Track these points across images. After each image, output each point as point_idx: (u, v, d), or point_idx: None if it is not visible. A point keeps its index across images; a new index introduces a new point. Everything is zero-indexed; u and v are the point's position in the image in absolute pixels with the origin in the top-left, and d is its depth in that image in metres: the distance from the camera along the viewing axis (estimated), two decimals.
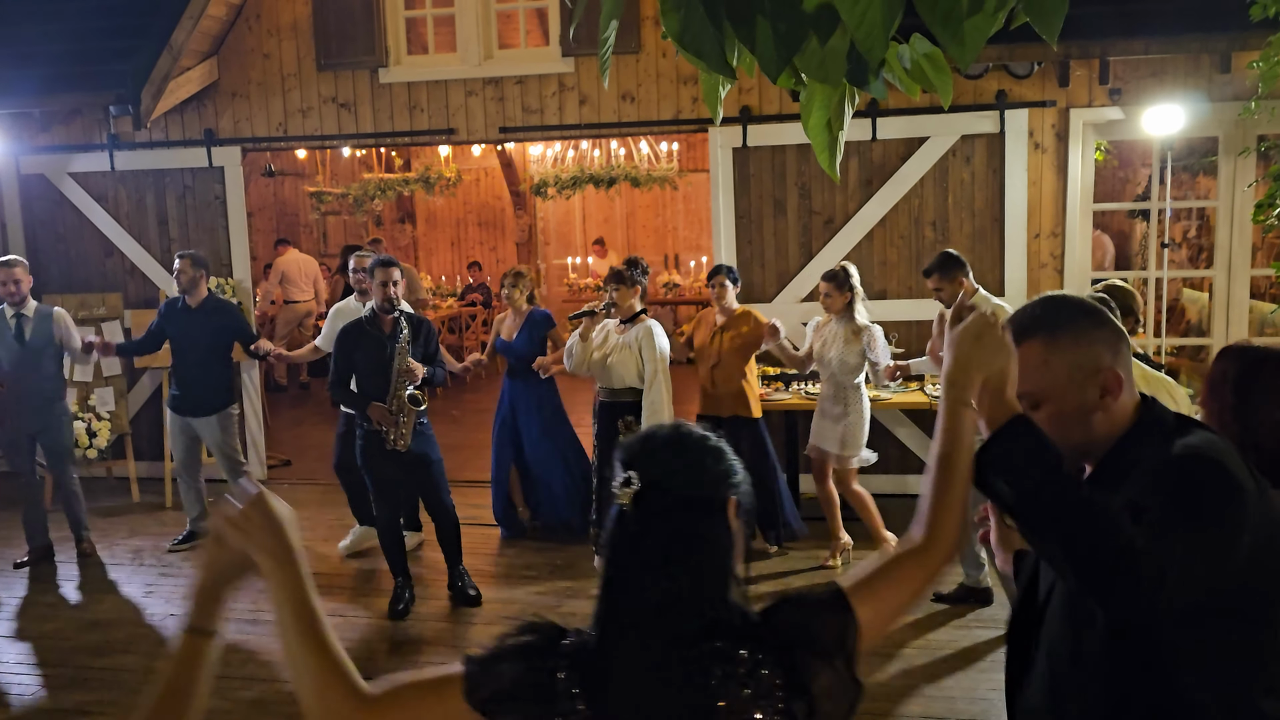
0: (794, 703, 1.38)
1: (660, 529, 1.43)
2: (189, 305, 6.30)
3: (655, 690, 1.39)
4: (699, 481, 1.47)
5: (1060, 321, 1.71)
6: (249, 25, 7.72)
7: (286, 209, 14.51)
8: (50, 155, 8.01)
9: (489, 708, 1.43)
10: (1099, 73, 6.61)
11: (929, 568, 1.52)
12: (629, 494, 1.44)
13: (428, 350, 5.46)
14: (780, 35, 1.81)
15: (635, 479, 1.45)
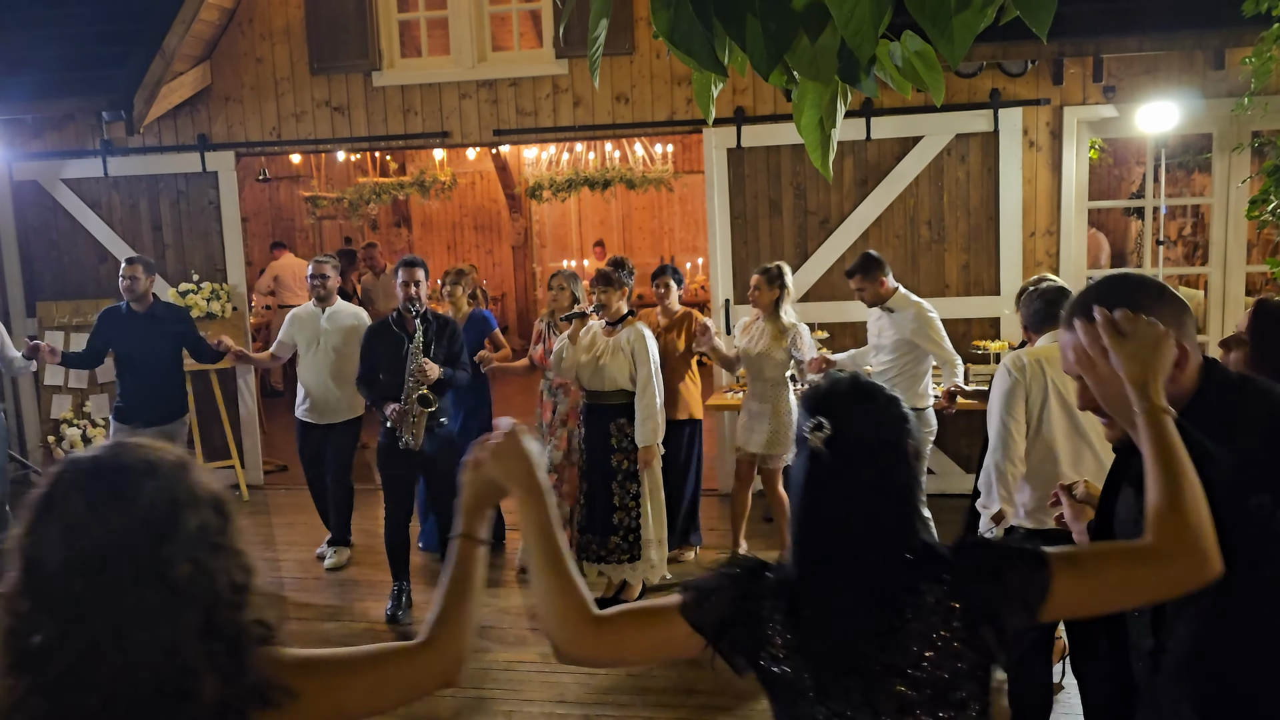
0: (977, 629, 1.52)
1: (854, 470, 1.57)
2: (135, 312, 6.08)
3: (848, 615, 1.54)
4: (883, 426, 1.60)
5: (1123, 299, 1.77)
6: (241, 29, 7.71)
7: (282, 213, 14.49)
8: (43, 161, 7.99)
9: (705, 628, 1.59)
10: (1093, 70, 6.61)
11: (1161, 572, 1.54)
12: (821, 438, 1.57)
13: (450, 351, 5.43)
14: (770, 33, 1.81)
15: (826, 424, 1.58)
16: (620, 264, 5.59)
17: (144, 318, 6.10)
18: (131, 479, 1.36)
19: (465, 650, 1.60)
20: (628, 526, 5.25)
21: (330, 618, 5.48)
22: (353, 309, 6.41)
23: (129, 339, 6.08)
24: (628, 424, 5.22)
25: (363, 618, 5.46)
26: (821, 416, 1.59)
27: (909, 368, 5.44)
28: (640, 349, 5.20)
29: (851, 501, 1.56)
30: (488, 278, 14.25)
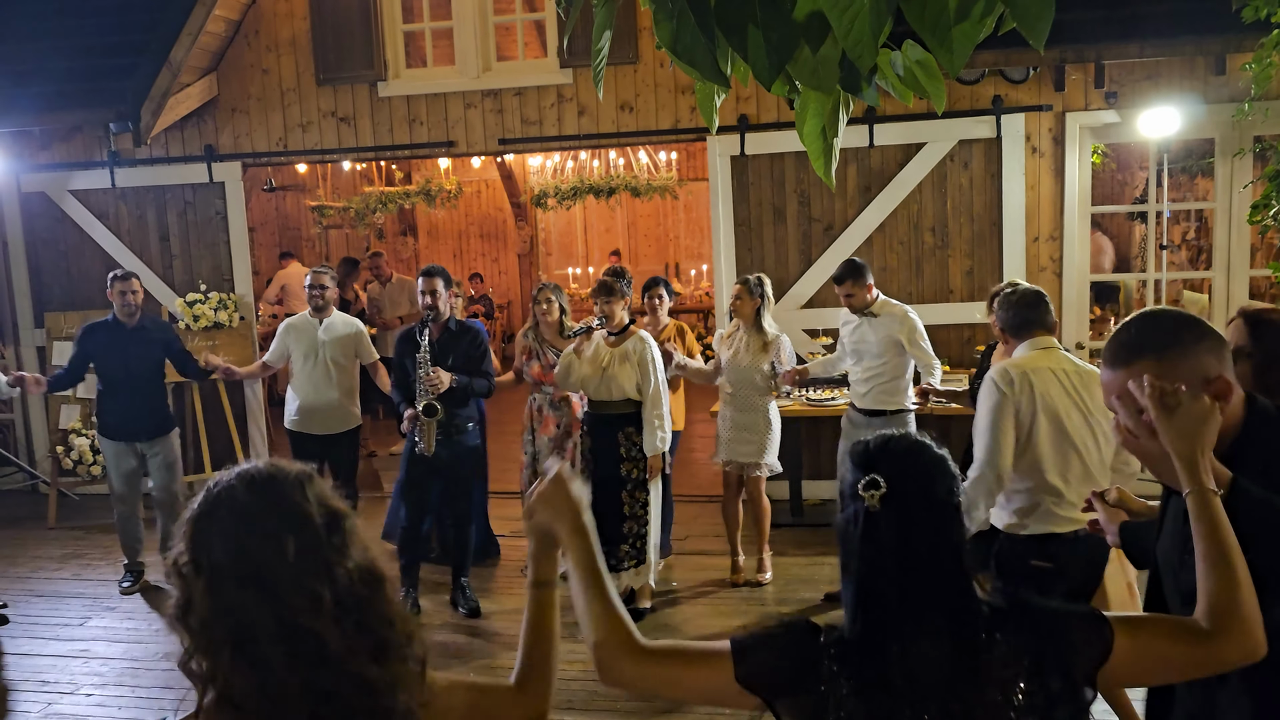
0: (1048, 683, 1.54)
1: (913, 528, 1.56)
2: (122, 325, 5.99)
3: (923, 671, 1.54)
4: (936, 482, 1.60)
5: (1165, 339, 1.79)
6: (248, 41, 7.76)
7: (288, 223, 14.54)
8: (51, 173, 8.05)
9: (760, 689, 1.60)
10: (1094, 76, 6.63)
11: (1211, 652, 1.56)
12: (877, 496, 1.56)
13: (470, 358, 5.45)
14: (772, 44, 1.83)
15: (882, 482, 1.57)
16: (620, 274, 5.62)
17: (132, 331, 6.02)
18: (289, 491, 1.45)
19: (551, 691, 1.73)
20: (636, 534, 5.28)
21: None
22: (347, 318, 6.31)
23: (116, 353, 5.98)
24: (636, 433, 5.24)
25: None
26: (876, 474, 1.58)
27: (895, 371, 5.45)
28: (647, 357, 5.22)
29: (913, 559, 1.55)
30: (494, 286, 14.29)
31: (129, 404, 6.01)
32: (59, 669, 5.10)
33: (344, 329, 6.12)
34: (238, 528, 1.41)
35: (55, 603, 6.01)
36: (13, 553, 6.83)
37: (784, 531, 6.52)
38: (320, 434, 6.03)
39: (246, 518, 1.42)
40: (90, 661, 5.18)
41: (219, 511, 1.43)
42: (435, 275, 5.48)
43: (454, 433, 5.46)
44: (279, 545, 1.40)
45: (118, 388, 6.02)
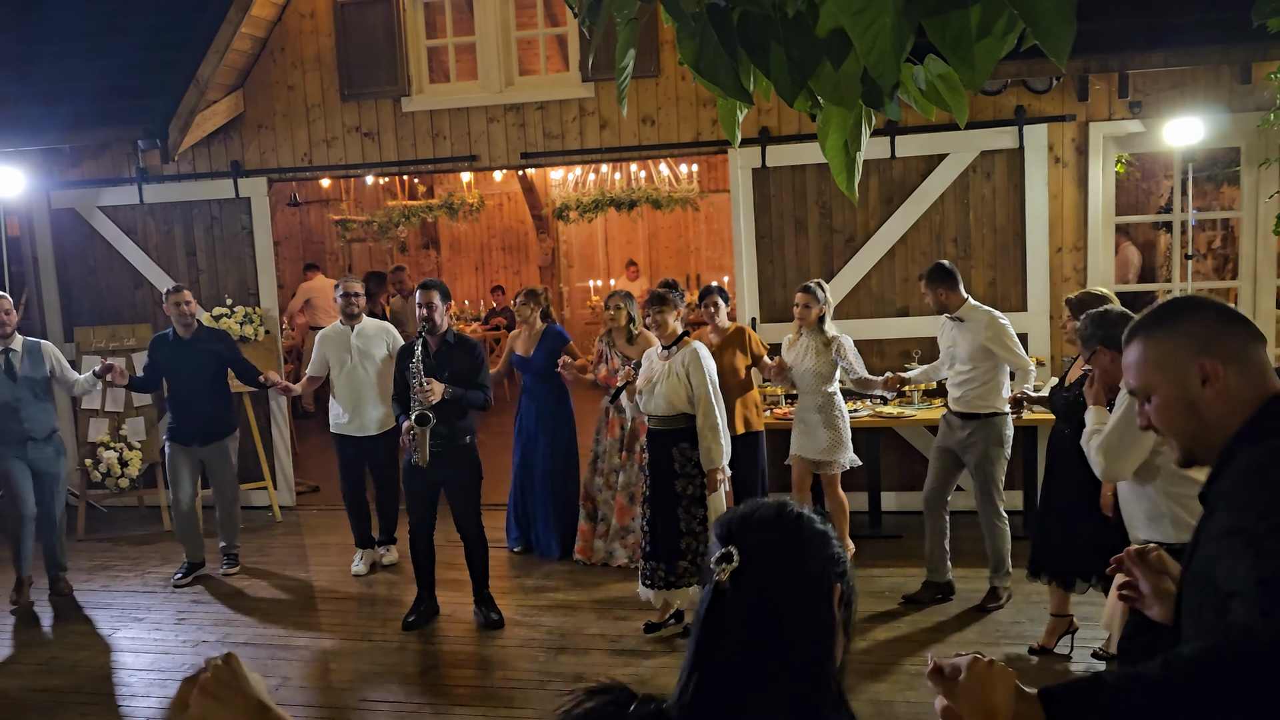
0: None
1: (759, 609, 1.38)
2: (181, 338, 6.41)
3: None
4: (802, 563, 1.41)
5: (1157, 319, 1.84)
6: (273, 58, 7.86)
7: (312, 237, 14.67)
8: (80, 189, 8.16)
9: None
10: (1118, 86, 6.61)
11: None
12: (727, 570, 1.39)
13: (465, 371, 5.50)
14: (794, 60, 1.85)
15: (735, 555, 1.39)
16: (672, 285, 5.67)
17: (189, 343, 6.42)
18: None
19: None
20: (695, 550, 5.19)
21: (363, 636, 5.53)
22: (379, 323, 6.71)
23: (178, 364, 6.42)
24: (689, 448, 5.16)
25: (394, 634, 5.50)
26: (732, 546, 1.39)
27: (988, 375, 5.39)
28: (695, 369, 5.12)
29: (757, 642, 1.36)
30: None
31: (187, 411, 6.43)
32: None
33: (377, 333, 6.55)
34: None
35: (84, 613, 6.07)
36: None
37: (862, 543, 6.45)
38: (360, 436, 6.47)
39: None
40: (119, 672, 5.24)
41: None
42: (433, 288, 5.56)
43: (454, 446, 5.48)
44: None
45: (178, 396, 6.49)
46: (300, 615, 5.89)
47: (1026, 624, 5.23)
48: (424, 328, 5.48)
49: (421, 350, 5.44)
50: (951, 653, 1.66)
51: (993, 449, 5.38)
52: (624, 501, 6.36)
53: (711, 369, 5.22)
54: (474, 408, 5.56)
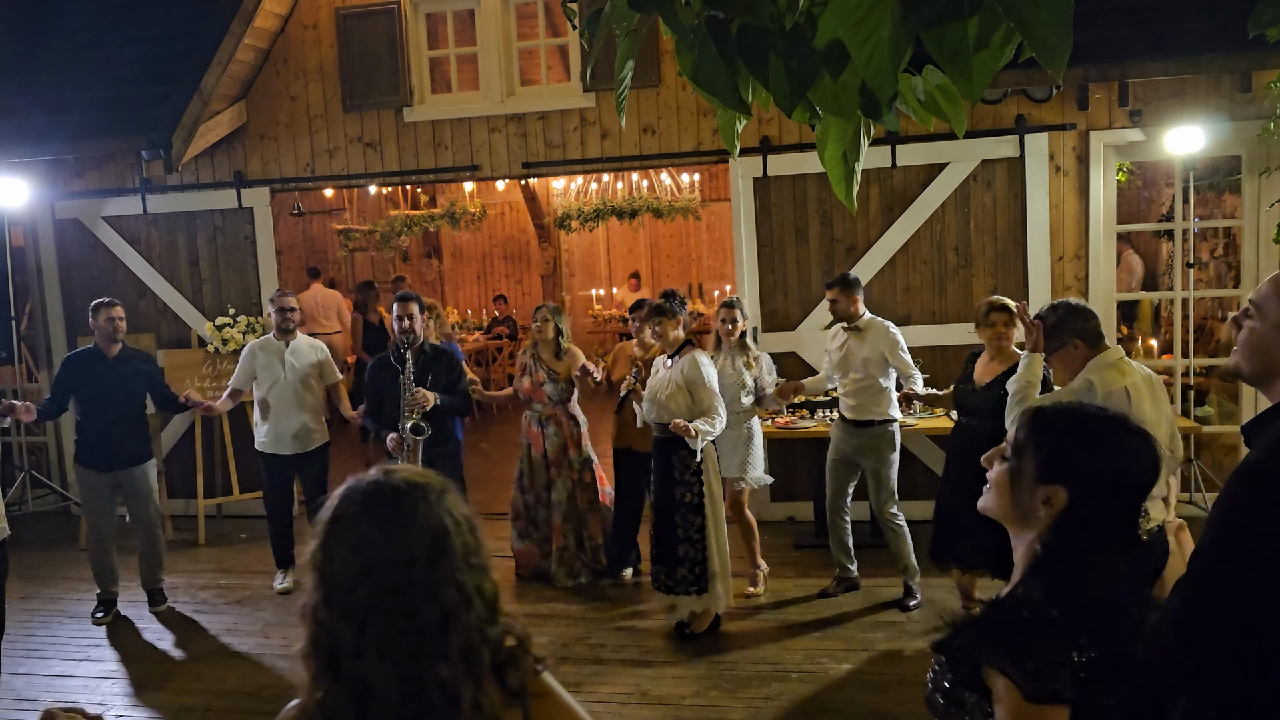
0: None
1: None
2: (103, 355, 6.02)
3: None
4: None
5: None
6: (276, 69, 7.89)
7: (315, 246, 14.70)
8: (84, 200, 8.19)
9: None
10: (1119, 95, 6.62)
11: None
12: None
13: (448, 379, 5.55)
14: (793, 72, 1.85)
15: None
16: (672, 295, 5.64)
17: (114, 361, 6.06)
18: (409, 500, 1.48)
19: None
20: (693, 559, 5.22)
21: None
22: (312, 340, 6.55)
23: (97, 383, 6.01)
24: (689, 456, 5.17)
25: None
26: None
27: (880, 382, 5.63)
28: (694, 377, 5.13)
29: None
30: (517, 307, 14.37)
31: (101, 434, 5.99)
32: (89, 689, 5.15)
33: (311, 351, 6.40)
34: (365, 537, 1.45)
35: (86, 623, 6.07)
36: (45, 574, 6.90)
37: (808, 552, 6.51)
38: (292, 454, 6.31)
39: (373, 529, 1.45)
40: (120, 682, 5.23)
41: (348, 517, 1.47)
42: (410, 300, 5.62)
43: (438, 454, 5.51)
44: (405, 559, 1.43)
45: (92, 417, 6.02)
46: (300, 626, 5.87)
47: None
48: (404, 340, 5.51)
49: (413, 361, 5.47)
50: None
51: (886, 453, 5.62)
52: (560, 520, 6.18)
53: (712, 376, 5.24)
54: (458, 414, 5.61)
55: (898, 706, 4.54)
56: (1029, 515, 1.71)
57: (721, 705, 4.63)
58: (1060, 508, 1.67)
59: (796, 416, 6.72)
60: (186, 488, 7.96)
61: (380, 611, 1.41)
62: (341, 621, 1.42)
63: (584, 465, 6.22)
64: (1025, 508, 1.72)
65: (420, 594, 1.43)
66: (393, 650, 1.41)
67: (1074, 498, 1.66)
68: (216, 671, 5.28)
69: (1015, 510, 1.74)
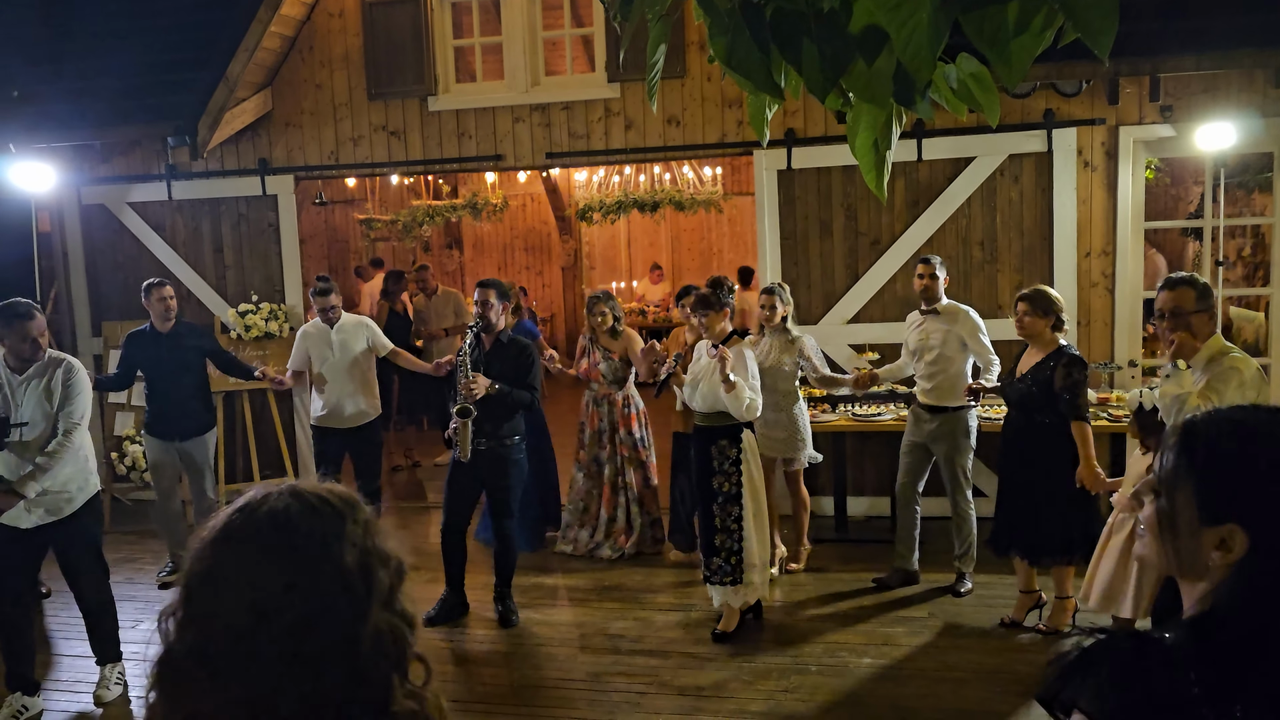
0: None
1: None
2: (159, 332, 6.32)
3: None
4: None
5: None
6: (302, 57, 7.91)
7: (337, 236, 14.77)
8: (110, 186, 8.24)
9: None
10: (1149, 90, 6.54)
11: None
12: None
13: (514, 370, 5.50)
14: (827, 57, 1.83)
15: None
16: (719, 284, 5.58)
17: (169, 337, 6.35)
18: (325, 535, 1.20)
19: None
20: (729, 549, 5.21)
21: None
22: (357, 317, 6.83)
23: (155, 358, 6.34)
24: (728, 445, 5.19)
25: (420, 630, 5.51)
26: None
27: (956, 368, 5.72)
28: (737, 368, 5.13)
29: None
30: (537, 299, 14.39)
31: (166, 406, 6.38)
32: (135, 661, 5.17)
33: (356, 328, 6.63)
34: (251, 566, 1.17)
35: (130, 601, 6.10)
36: None
37: (827, 546, 6.49)
38: (343, 429, 6.53)
39: (262, 557, 1.18)
40: (142, 664, 5.26)
41: (235, 540, 1.20)
42: (490, 287, 5.61)
43: (496, 445, 5.49)
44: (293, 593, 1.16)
45: (157, 391, 6.42)
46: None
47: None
48: (478, 324, 5.53)
49: (472, 346, 5.46)
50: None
51: (961, 440, 5.67)
52: (609, 493, 6.56)
53: (753, 369, 5.27)
54: (520, 406, 5.55)
55: (919, 701, 4.52)
56: (1198, 567, 1.28)
57: (740, 697, 4.62)
58: (1240, 554, 1.24)
59: (819, 410, 6.68)
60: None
61: (274, 673, 1.14)
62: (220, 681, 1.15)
63: (636, 444, 6.53)
64: (1191, 558, 1.29)
65: (332, 650, 1.16)
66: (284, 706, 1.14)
67: (1257, 540, 1.23)
68: None
69: (1178, 561, 1.31)
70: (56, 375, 4.65)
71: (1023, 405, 4.99)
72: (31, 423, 4.60)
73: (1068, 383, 4.82)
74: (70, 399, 4.63)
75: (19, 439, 4.57)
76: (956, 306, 5.75)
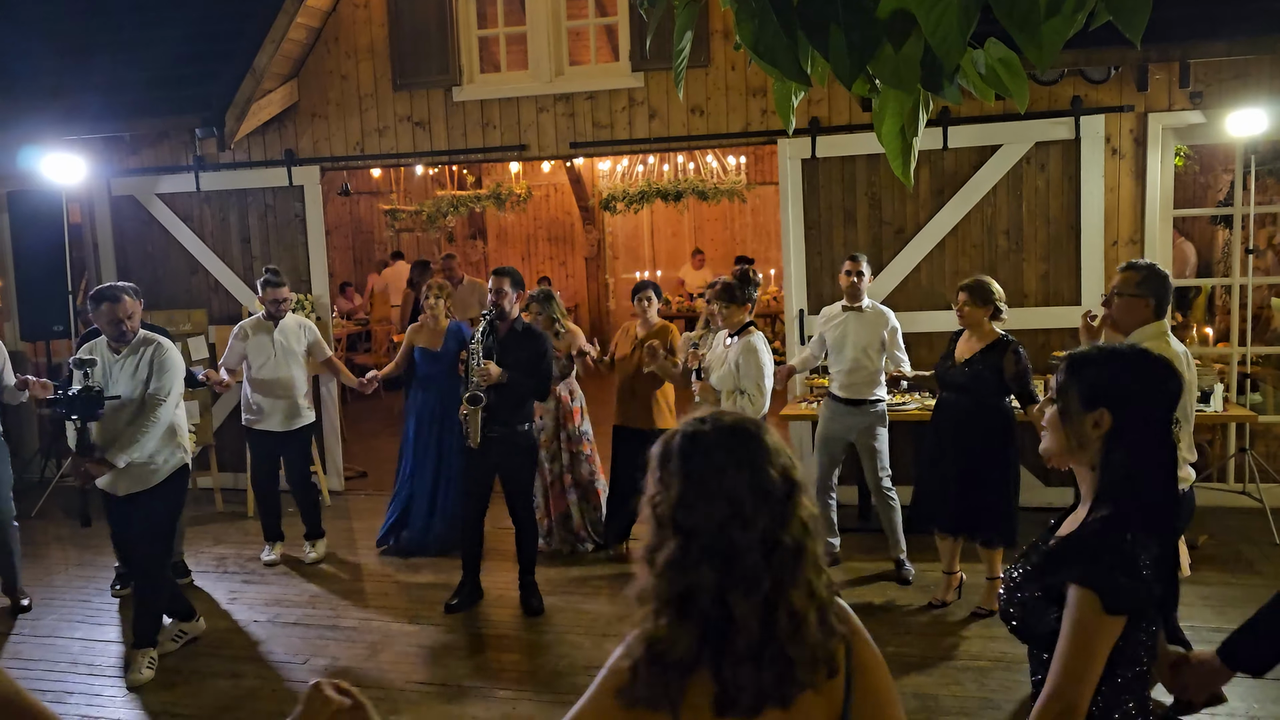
0: None
1: None
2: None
3: None
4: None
5: None
6: (328, 48, 7.95)
7: (362, 227, 14.85)
8: (139, 177, 8.33)
9: None
10: (1179, 76, 6.47)
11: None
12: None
13: (527, 359, 5.49)
14: (854, 42, 1.83)
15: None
16: (746, 279, 5.62)
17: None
18: (757, 435, 1.55)
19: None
20: None
21: (410, 619, 5.59)
22: (300, 319, 6.72)
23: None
24: None
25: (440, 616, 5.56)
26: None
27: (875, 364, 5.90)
28: (747, 359, 5.21)
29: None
30: (561, 289, 14.41)
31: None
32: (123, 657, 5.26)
33: (298, 330, 6.57)
34: (729, 475, 1.49)
35: None
36: (99, 544, 7.07)
37: (851, 537, 6.47)
38: (279, 431, 6.48)
39: (736, 465, 1.50)
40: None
41: (707, 458, 1.52)
42: (504, 275, 5.62)
43: (509, 433, 5.52)
44: (765, 491, 1.50)
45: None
46: (348, 597, 5.97)
47: None
48: (493, 313, 5.54)
49: (485, 334, 5.47)
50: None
51: (879, 428, 5.85)
52: (556, 490, 6.48)
53: (767, 361, 5.28)
54: (530, 396, 5.57)
55: (940, 689, 4.52)
56: (1085, 444, 2.01)
57: None
58: (1107, 428, 1.98)
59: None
60: (235, 462, 8.09)
61: (746, 549, 1.47)
62: (704, 565, 1.47)
63: (579, 439, 6.48)
64: (1079, 438, 2.01)
65: (779, 526, 1.49)
66: (758, 584, 1.46)
67: (1116, 417, 1.97)
68: (265, 640, 5.38)
69: (1071, 442, 2.03)
70: (147, 354, 5.00)
71: (970, 389, 5.14)
72: (124, 398, 4.92)
73: (1018, 369, 5.04)
74: (158, 376, 4.95)
75: (113, 412, 4.90)
76: (878, 307, 5.91)
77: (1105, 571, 1.87)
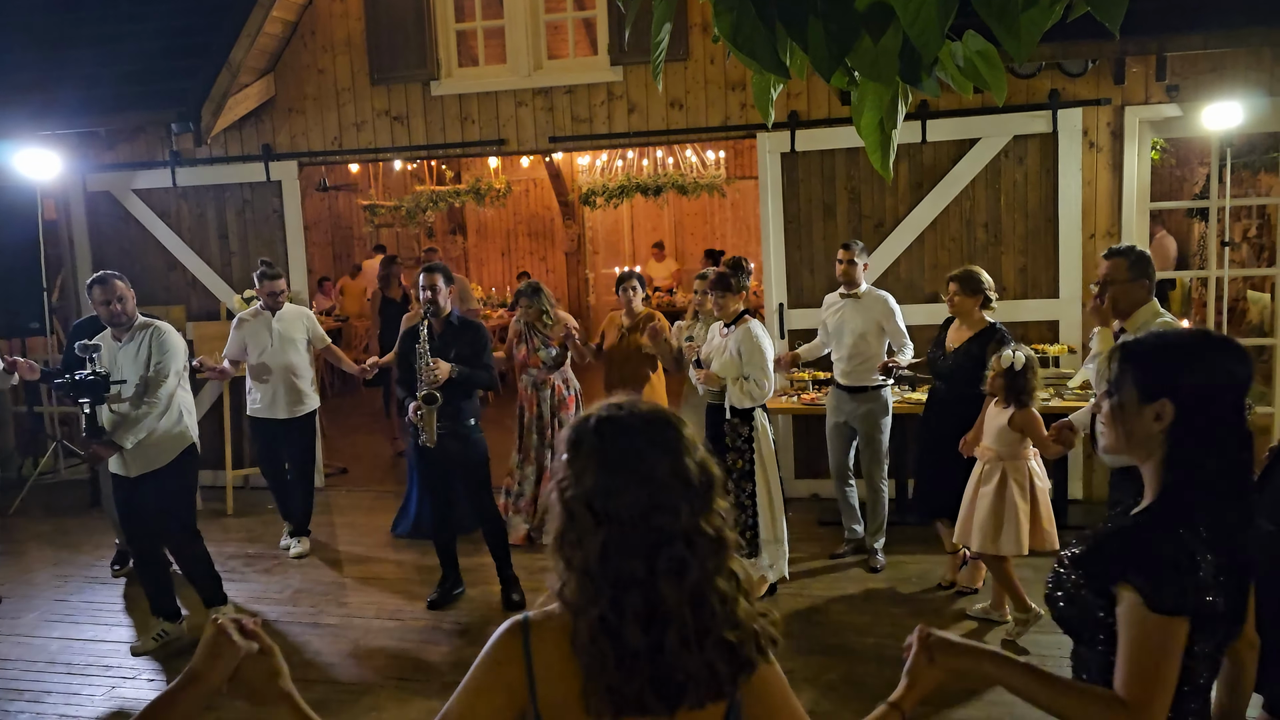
0: None
1: None
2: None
3: None
4: None
5: None
6: (304, 42, 7.89)
7: (341, 223, 14.75)
8: (115, 173, 8.24)
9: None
10: (1156, 69, 6.51)
11: None
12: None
13: (471, 351, 5.51)
14: (832, 34, 1.83)
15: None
16: (738, 266, 5.67)
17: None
18: (673, 426, 1.52)
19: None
20: (744, 524, 5.32)
21: (391, 615, 5.57)
22: (298, 308, 6.80)
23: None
24: (740, 424, 5.31)
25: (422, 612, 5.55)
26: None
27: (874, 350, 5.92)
28: (747, 346, 5.25)
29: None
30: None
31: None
32: (121, 654, 5.22)
33: (297, 317, 6.65)
34: (650, 462, 1.46)
35: (118, 588, 6.16)
36: (79, 540, 7.01)
37: (834, 529, 6.49)
38: (279, 419, 6.58)
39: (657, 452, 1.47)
40: None
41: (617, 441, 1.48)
42: (436, 271, 5.59)
43: (460, 428, 5.51)
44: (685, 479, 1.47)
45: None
46: (329, 594, 5.94)
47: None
48: (428, 310, 5.51)
49: (426, 332, 5.46)
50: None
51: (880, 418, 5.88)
52: (547, 480, 6.51)
53: (768, 346, 5.33)
54: (481, 388, 5.62)
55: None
56: (1147, 440, 1.80)
57: None
58: (1170, 420, 1.77)
59: (821, 394, 6.66)
60: (214, 459, 8.02)
61: (673, 537, 1.44)
62: (630, 557, 1.43)
63: None
64: (1140, 433, 1.80)
65: (700, 515, 1.47)
66: (685, 570, 1.43)
67: (1180, 409, 1.75)
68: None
69: (1132, 440, 1.82)
70: (146, 337, 5.14)
71: (956, 377, 5.21)
72: (128, 382, 5.08)
73: None
74: (157, 355, 5.10)
75: (118, 394, 5.06)
76: (876, 293, 5.91)
77: (1150, 566, 1.68)
